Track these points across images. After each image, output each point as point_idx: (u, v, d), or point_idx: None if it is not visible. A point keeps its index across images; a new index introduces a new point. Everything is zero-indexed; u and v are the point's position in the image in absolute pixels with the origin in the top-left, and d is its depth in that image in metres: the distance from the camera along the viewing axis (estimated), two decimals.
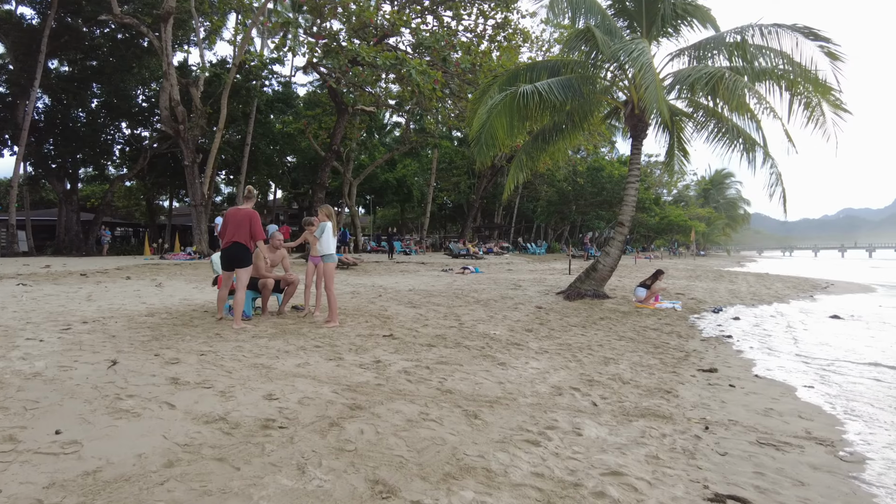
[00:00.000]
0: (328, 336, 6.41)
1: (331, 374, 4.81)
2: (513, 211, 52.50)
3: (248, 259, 7.02)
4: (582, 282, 12.48)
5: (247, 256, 7.00)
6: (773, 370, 6.19)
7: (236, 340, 5.99)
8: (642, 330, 8.46)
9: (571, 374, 5.38)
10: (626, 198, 12.33)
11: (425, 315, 8.53)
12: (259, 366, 4.96)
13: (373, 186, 43.74)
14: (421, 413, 3.89)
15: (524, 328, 7.90)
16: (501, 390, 4.61)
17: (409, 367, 5.13)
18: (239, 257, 6.97)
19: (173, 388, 4.18)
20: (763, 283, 19.44)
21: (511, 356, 5.96)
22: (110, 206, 37.27)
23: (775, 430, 4.05)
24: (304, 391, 4.26)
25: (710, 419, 4.23)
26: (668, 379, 5.42)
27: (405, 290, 12.19)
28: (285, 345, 5.87)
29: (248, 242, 6.99)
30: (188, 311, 8.08)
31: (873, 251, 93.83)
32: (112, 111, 31.37)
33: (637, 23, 12.42)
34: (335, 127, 23.14)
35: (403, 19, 18.60)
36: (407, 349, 5.94)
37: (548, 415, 4.06)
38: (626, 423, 3.99)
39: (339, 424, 3.59)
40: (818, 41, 9.85)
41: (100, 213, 32.01)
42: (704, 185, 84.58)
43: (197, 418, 3.57)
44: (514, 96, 11.10)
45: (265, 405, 3.91)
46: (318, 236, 7.21)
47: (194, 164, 21.99)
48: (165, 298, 9.56)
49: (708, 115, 12.58)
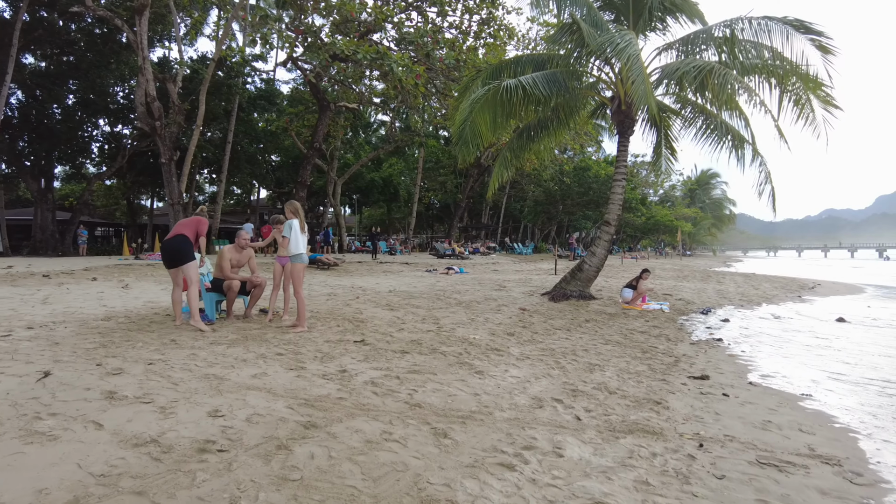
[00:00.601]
0: (293, 342, 5.95)
1: (289, 386, 4.37)
2: (500, 211, 52.11)
3: (190, 254, 6.59)
4: (567, 283, 12.12)
5: (188, 251, 6.58)
6: (767, 377, 5.84)
7: (192, 348, 5.52)
8: (629, 333, 8.10)
9: (554, 382, 4.99)
10: (612, 196, 11.98)
11: (402, 318, 8.09)
12: (211, 376, 4.51)
13: (358, 186, 43.13)
14: (383, 432, 3.46)
15: (506, 332, 7.49)
16: (477, 403, 4.19)
17: (376, 378, 4.70)
18: (180, 250, 6.55)
19: (107, 403, 3.72)
20: (751, 284, 19.25)
21: (490, 363, 5.55)
22: (88, 206, 36.33)
23: (776, 447, 3.68)
24: (256, 406, 3.81)
25: (705, 435, 3.85)
26: (657, 388, 5.05)
27: (385, 292, 11.73)
28: (245, 352, 5.41)
29: (192, 239, 6.59)
30: (149, 315, 7.58)
31: (855, 251, 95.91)
32: (89, 108, 30.49)
33: (624, 16, 12.08)
34: (317, 124, 22.61)
35: (385, 13, 18.10)
36: (378, 356, 5.50)
37: (526, 432, 3.65)
38: (613, 441, 3.60)
39: (287, 447, 3.16)
40: (809, 34, 9.56)
41: (77, 213, 31.15)
42: (690, 186, 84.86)
43: (125, 441, 3.12)
44: (497, 90, 10.70)
45: (208, 424, 3.46)
46: (286, 235, 6.74)
47: (171, 161, 21.31)
48: (129, 301, 9.03)
49: (696, 112, 12.28)
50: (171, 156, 21.65)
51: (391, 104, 26.43)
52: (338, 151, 36.50)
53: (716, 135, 11.73)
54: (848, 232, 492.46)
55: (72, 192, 42.09)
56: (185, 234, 6.57)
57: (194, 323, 6.41)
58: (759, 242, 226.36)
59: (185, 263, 6.50)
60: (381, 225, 56.31)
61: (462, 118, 10.98)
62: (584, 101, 13.21)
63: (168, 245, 6.60)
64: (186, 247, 6.56)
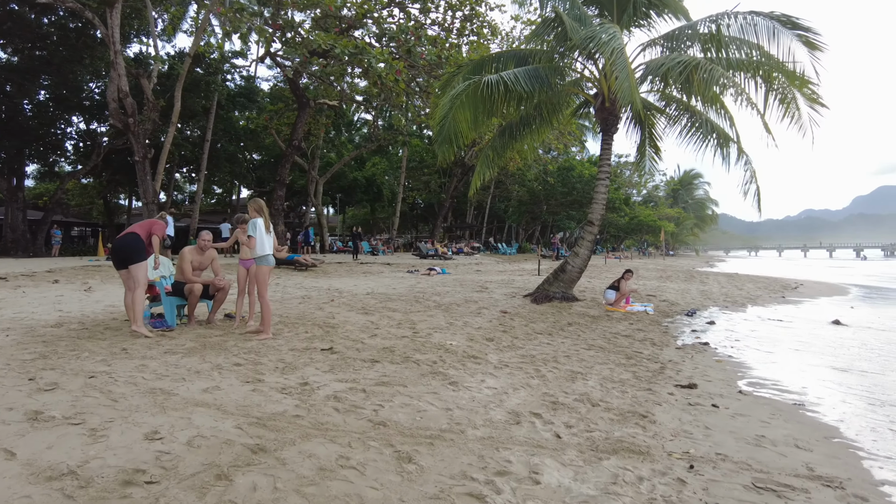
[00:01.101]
0: (255, 351, 5.54)
1: (242, 401, 3.97)
2: (485, 211, 51.81)
3: (140, 255, 6.16)
4: (550, 284, 11.81)
5: (138, 251, 6.15)
6: (757, 384, 5.56)
7: (143, 358, 5.09)
8: (613, 337, 7.79)
9: (533, 393, 4.65)
10: (595, 195, 11.70)
11: (377, 323, 7.70)
12: (157, 391, 4.09)
13: (341, 185, 42.55)
14: (340, 457, 3.08)
15: (485, 337, 7.14)
16: (448, 420, 3.83)
17: (340, 391, 4.32)
18: (131, 248, 6.12)
19: (28, 426, 3.30)
20: (734, 284, 19.14)
21: (466, 372, 5.19)
22: (62, 205, 35.39)
23: (772, 467, 3.37)
24: (200, 427, 3.41)
25: (695, 453, 3.53)
26: (642, 398, 4.73)
27: (362, 294, 11.33)
28: (200, 362, 4.99)
29: (146, 239, 6.16)
30: (106, 321, 7.11)
31: (833, 251, 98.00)
32: (62, 104, 29.64)
33: (608, 11, 11.79)
34: (296, 121, 22.05)
35: (366, 9, 17.64)
36: (345, 366, 5.11)
37: (500, 453, 3.30)
38: (596, 463, 3.26)
39: (228, 477, 2.77)
40: (797, 30, 9.34)
41: (49, 212, 30.24)
42: (674, 186, 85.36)
43: (37, 473, 2.71)
44: (478, 86, 10.35)
45: (141, 449, 3.06)
46: (252, 234, 6.30)
47: (145, 159, 20.63)
48: (88, 305, 8.53)
49: (681, 109, 12.04)
50: (146, 153, 20.97)
51: (374, 102, 25.96)
52: (319, 150, 35.94)
53: (701, 133, 11.51)
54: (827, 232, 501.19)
55: (46, 191, 40.96)
56: (137, 232, 6.13)
57: (136, 328, 5.99)
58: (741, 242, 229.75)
59: (134, 264, 6.06)
60: (366, 225, 55.73)
61: (442, 114, 10.61)
62: (568, 99, 12.91)
63: (117, 244, 6.18)
64: (136, 246, 6.13)
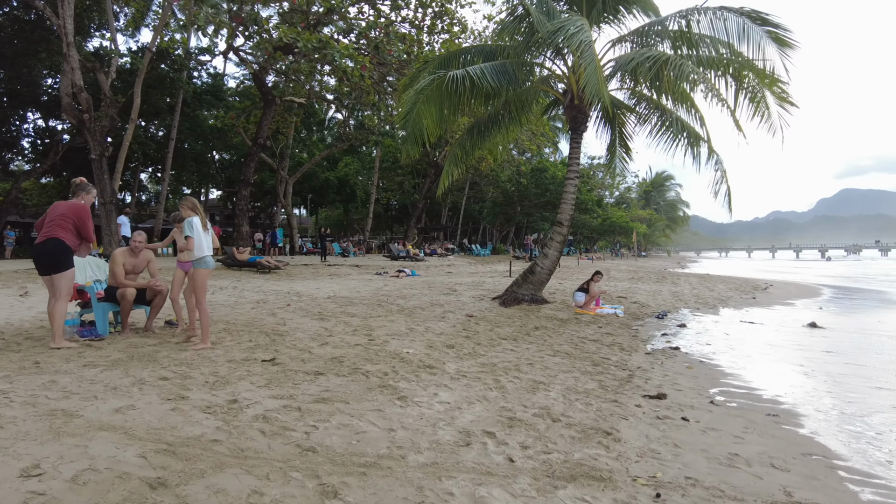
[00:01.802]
0: (188, 363, 5.03)
1: (156, 424, 3.48)
2: (459, 212, 51.49)
3: (68, 262, 5.53)
4: (519, 286, 11.47)
5: (66, 258, 5.51)
6: (729, 392, 5.26)
7: (55, 372, 4.54)
8: (580, 342, 7.46)
9: (489, 408, 4.25)
10: (564, 195, 11.39)
11: (331, 329, 7.22)
12: (58, 413, 3.57)
13: (313, 186, 41.72)
14: (253, 492, 2.63)
15: (446, 344, 6.73)
16: (388, 443, 3.40)
17: (272, 410, 3.85)
18: (56, 257, 5.46)
19: None
20: (706, 285, 19.10)
21: (419, 385, 4.77)
22: (17, 205, 33.89)
23: (746, 493, 3.03)
24: (95, 458, 2.92)
25: (662, 478, 3.17)
26: (608, 411, 4.37)
27: (322, 298, 10.82)
28: (121, 377, 4.47)
29: (72, 242, 5.51)
30: (32, 329, 6.51)
31: (800, 252, 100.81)
32: (16, 99, 28.35)
33: (577, 6, 11.51)
34: (262, 119, 21.41)
35: (333, 3, 17.09)
36: (284, 380, 4.64)
37: (443, 484, 2.89)
38: (550, 493, 2.87)
39: None
40: (766, 26, 9.16)
41: (3, 212, 28.90)
42: (646, 188, 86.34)
43: None
44: (443, 81, 9.96)
45: (11, 490, 2.55)
46: (190, 234, 5.76)
47: (102, 157, 19.76)
48: (18, 312, 7.87)
49: (651, 108, 11.82)
50: (103, 151, 20.09)
51: (345, 101, 25.41)
52: (289, 149, 35.17)
53: (671, 132, 11.28)
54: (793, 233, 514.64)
55: (1, 190, 39.27)
56: (61, 237, 5.47)
57: (55, 345, 5.39)
58: (711, 243, 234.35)
59: (59, 272, 5.45)
60: (339, 226, 54.91)
61: (406, 109, 10.20)
62: (536, 95, 12.59)
63: (38, 250, 5.50)
64: (63, 254, 5.46)
